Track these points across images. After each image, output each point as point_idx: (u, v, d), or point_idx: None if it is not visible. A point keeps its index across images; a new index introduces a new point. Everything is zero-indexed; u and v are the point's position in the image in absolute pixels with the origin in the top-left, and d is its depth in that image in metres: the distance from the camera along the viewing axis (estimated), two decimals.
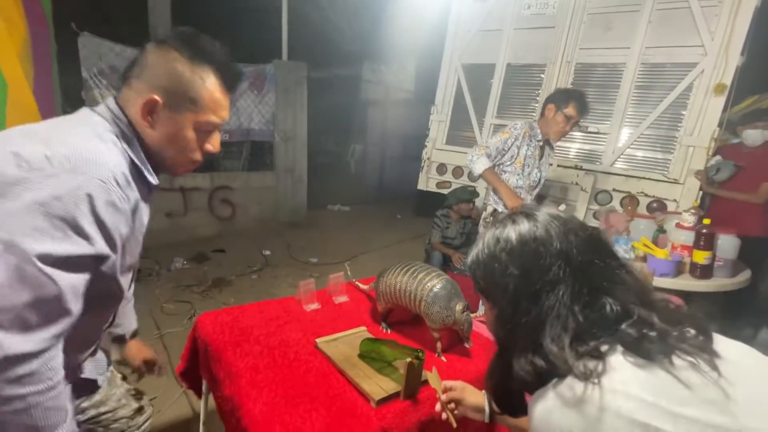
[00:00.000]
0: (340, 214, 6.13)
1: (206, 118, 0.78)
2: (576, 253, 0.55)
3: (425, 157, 4.02)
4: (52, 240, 0.61)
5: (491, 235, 0.61)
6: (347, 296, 1.60)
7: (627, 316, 0.52)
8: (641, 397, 0.44)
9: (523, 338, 0.55)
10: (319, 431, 0.88)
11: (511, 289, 0.56)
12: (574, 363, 0.49)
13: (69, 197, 0.62)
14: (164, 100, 0.74)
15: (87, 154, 0.66)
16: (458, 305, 1.20)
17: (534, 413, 0.52)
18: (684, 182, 2.82)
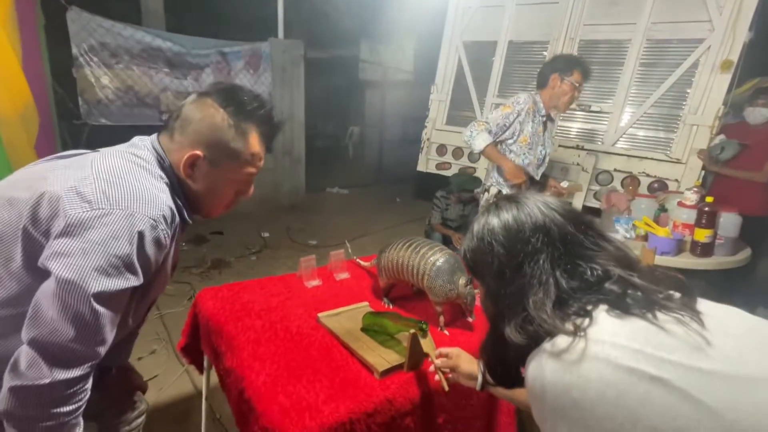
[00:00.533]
0: (339, 197, 6.09)
1: (245, 170, 0.82)
2: (555, 226, 0.58)
3: (425, 137, 3.97)
4: (108, 278, 0.67)
5: (479, 222, 0.65)
6: (348, 273, 1.59)
7: (608, 277, 0.54)
8: (627, 345, 0.46)
9: (510, 307, 0.58)
10: (323, 401, 0.87)
11: (496, 264, 0.60)
12: (559, 324, 0.52)
13: (125, 236, 0.67)
14: (205, 154, 0.77)
15: (141, 192, 0.71)
16: (461, 279, 1.19)
17: (528, 372, 0.54)
18: (686, 162, 2.80)
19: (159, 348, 2.23)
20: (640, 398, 0.42)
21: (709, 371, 0.43)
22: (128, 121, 3.91)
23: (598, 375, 0.45)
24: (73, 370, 0.67)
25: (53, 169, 0.75)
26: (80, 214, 0.66)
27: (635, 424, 0.42)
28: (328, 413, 0.84)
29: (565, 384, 0.47)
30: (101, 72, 3.76)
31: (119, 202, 0.68)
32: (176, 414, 1.77)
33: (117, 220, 0.67)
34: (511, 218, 0.60)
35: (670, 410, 0.41)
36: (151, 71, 4.03)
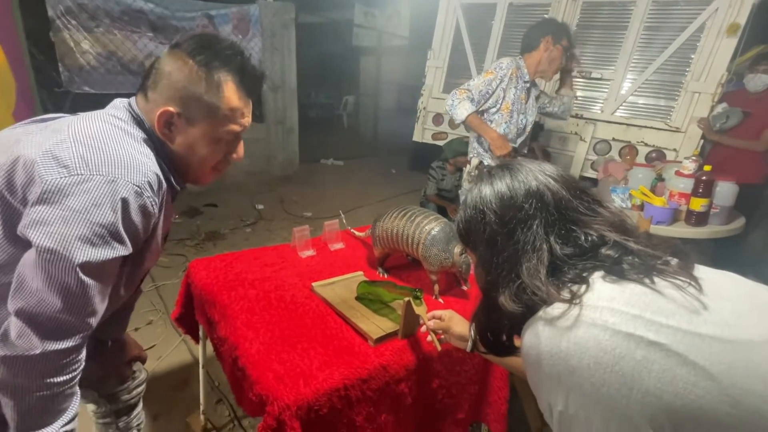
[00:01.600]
0: (334, 169, 6.01)
1: (225, 128, 0.75)
2: (549, 191, 0.57)
3: (421, 106, 3.87)
4: (92, 247, 0.64)
5: (472, 193, 0.63)
6: (343, 243, 1.57)
7: (603, 243, 0.53)
8: (625, 310, 0.45)
9: (503, 276, 0.57)
10: (317, 368, 0.88)
11: (487, 232, 0.59)
12: (554, 291, 0.51)
13: (107, 203, 0.64)
14: (180, 111, 0.72)
15: (122, 156, 0.66)
16: (456, 247, 1.18)
17: (523, 340, 0.53)
18: (686, 131, 2.76)
19: (156, 319, 2.24)
20: (638, 364, 0.42)
21: (707, 335, 0.42)
22: (112, 89, 3.75)
23: (595, 342, 0.44)
24: (64, 341, 0.65)
25: (28, 132, 0.71)
26: (57, 180, 0.62)
27: (631, 389, 0.42)
28: (323, 379, 0.84)
29: (561, 351, 0.46)
30: (81, 36, 3.57)
31: (99, 167, 0.64)
32: (175, 382, 1.80)
33: (97, 187, 0.63)
34: (504, 186, 0.59)
35: (666, 374, 0.41)
36: (134, 36, 3.83)
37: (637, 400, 0.41)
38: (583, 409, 0.44)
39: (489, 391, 1.27)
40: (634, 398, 0.41)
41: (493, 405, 1.26)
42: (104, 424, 1.09)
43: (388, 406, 0.95)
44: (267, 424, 0.76)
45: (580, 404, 0.45)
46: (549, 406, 0.49)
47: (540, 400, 0.51)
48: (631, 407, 0.41)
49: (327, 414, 0.83)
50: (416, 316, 1.02)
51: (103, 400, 1.04)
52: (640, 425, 0.41)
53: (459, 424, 1.19)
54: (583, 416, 0.44)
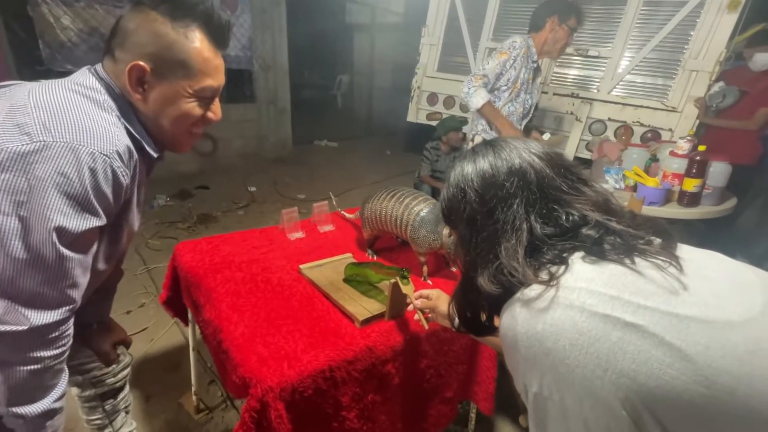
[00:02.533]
0: (327, 150, 5.94)
1: (201, 83, 0.72)
2: (532, 169, 0.55)
3: (415, 85, 3.78)
4: (65, 217, 0.62)
5: (455, 171, 0.62)
6: (332, 225, 1.56)
7: (585, 223, 0.52)
8: (603, 291, 0.44)
9: (482, 256, 0.56)
10: (302, 350, 0.87)
11: (467, 210, 0.57)
12: (531, 273, 0.50)
13: (73, 172, 0.61)
14: (152, 67, 0.68)
15: (87, 125, 0.63)
16: (445, 229, 1.16)
17: (501, 322, 0.53)
18: (682, 110, 2.73)
19: (148, 302, 2.24)
20: (613, 345, 0.41)
21: (685, 316, 0.42)
22: None
23: (571, 323, 0.44)
24: (50, 314, 0.65)
25: None
26: (18, 147, 0.59)
27: (606, 370, 0.41)
28: (307, 361, 0.84)
29: (537, 333, 0.46)
30: (60, 11, 3.42)
31: (63, 134, 0.61)
32: (167, 364, 1.81)
33: (61, 155, 0.60)
34: (487, 164, 0.57)
35: (641, 355, 0.40)
36: (117, 11, 3.68)
37: (612, 381, 0.41)
38: (557, 390, 0.44)
39: (477, 370, 1.28)
40: (609, 379, 0.41)
41: (482, 384, 1.28)
42: (90, 408, 1.09)
43: (374, 386, 0.96)
44: (250, 406, 0.76)
45: (555, 386, 0.44)
46: (525, 387, 0.48)
47: (516, 381, 0.51)
48: (605, 388, 0.41)
49: (312, 395, 0.83)
50: (403, 297, 1.01)
51: (88, 383, 1.04)
52: (614, 406, 0.41)
53: (447, 403, 1.20)
54: (558, 397, 0.44)
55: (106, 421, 1.11)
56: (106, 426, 1.11)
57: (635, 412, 0.40)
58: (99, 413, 1.10)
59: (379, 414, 0.98)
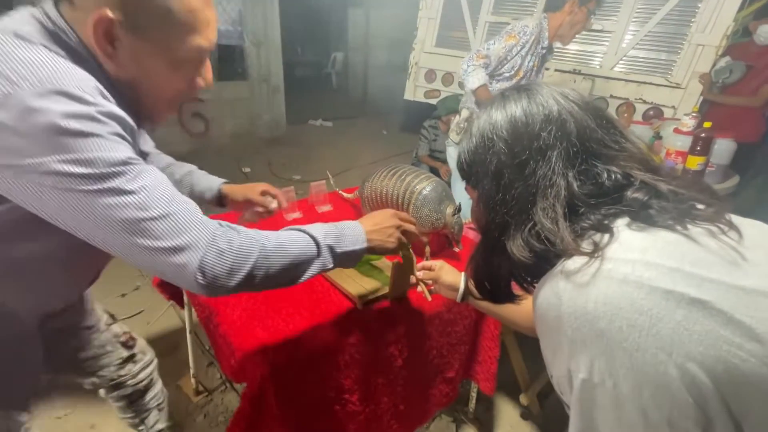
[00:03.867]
0: (322, 130, 5.82)
1: (187, 43, 0.55)
2: (572, 118, 0.48)
3: (412, 62, 3.68)
4: None
5: (480, 119, 0.54)
6: (331, 205, 1.51)
7: (629, 183, 0.46)
8: (661, 263, 0.39)
9: (513, 216, 0.49)
10: (303, 333, 0.84)
11: (494, 164, 0.51)
12: (572, 242, 0.44)
13: None
14: (122, 18, 0.50)
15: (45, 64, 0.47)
16: (449, 208, 1.12)
17: (539, 300, 0.46)
18: (686, 87, 2.67)
19: (142, 284, 2.20)
20: (677, 325, 0.36)
21: (752, 289, 0.37)
22: None
23: (628, 301, 0.38)
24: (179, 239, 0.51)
25: None
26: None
27: (670, 353, 0.36)
28: (309, 345, 0.81)
29: (587, 312, 0.40)
30: None
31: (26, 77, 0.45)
32: (165, 347, 1.78)
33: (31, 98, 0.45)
34: (520, 110, 0.50)
35: (708, 336, 0.36)
36: None
37: (677, 365, 0.36)
38: (611, 376, 0.38)
39: (479, 350, 1.27)
40: (674, 364, 0.36)
41: (483, 364, 1.27)
42: (120, 408, 1.08)
43: (377, 368, 0.94)
44: (250, 391, 0.74)
45: (608, 371, 0.39)
46: (568, 373, 0.42)
47: (553, 366, 0.45)
48: (670, 374, 0.36)
49: (314, 379, 0.81)
50: (406, 277, 0.98)
51: (108, 387, 1.02)
52: (679, 393, 0.36)
53: (449, 383, 1.19)
54: (611, 384, 0.38)
55: (137, 419, 1.11)
56: (140, 423, 1.11)
57: (702, 399, 0.36)
58: (130, 412, 1.09)
59: (381, 396, 0.97)
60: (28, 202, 0.48)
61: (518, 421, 1.55)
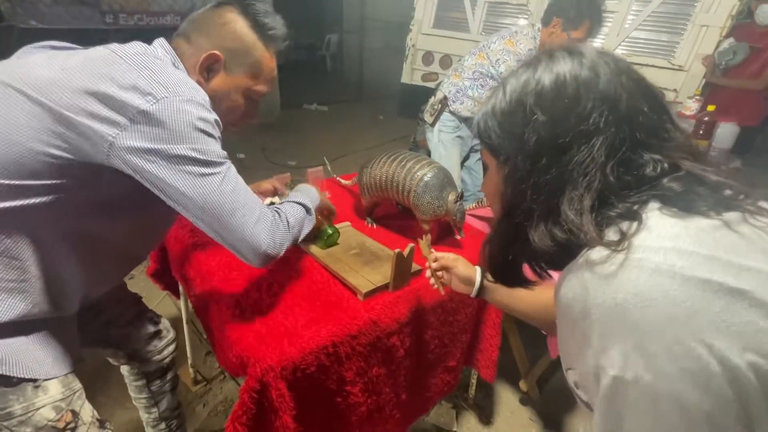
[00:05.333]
0: (318, 114, 5.71)
1: (259, 87, 0.79)
2: (627, 96, 0.42)
3: (410, 43, 3.58)
4: None
5: (518, 78, 0.47)
6: (328, 192, 1.47)
7: (675, 172, 0.42)
8: (694, 250, 0.36)
9: (539, 203, 0.45)
10: (303, 326, 0.82)
11: (533, 141, 0.44)
12: (596, 233, 0.41)
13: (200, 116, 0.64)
14: (225, 59, 0.74)
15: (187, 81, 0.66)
16: (451, 195, 1.09)
17: (563, 291, 0.43)
18: (688, 69, 2.62)
19: (137, 273, 2.16)
20: (716, 317, 0.34)
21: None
22: (63, 24, 3.34)
23: (661, 292, 0.35)
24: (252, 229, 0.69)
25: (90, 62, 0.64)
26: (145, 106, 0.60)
27: (711, 347, 0.33)
28: (309, 337, 0.79)
29: (617, 304, 0.37)
30: None
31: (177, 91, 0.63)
32: None
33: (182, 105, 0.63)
34: (570, 77, 0.43)
35: (749, 328, 0.33)
36: None
37: (718, 359, 0.33)
38: (647, 371, 0.35)
39: (481, 338, 1.26)
40: (714, 358, 0.33)
41: (484, 352, 1.26)
42: (137, 387, 1.10)
43: (379, 359, 0.92)
44: (250, 386, 0.71)
45: (644, 366, 0.35)
46: (596, 369, 0.39)
47: (577, 361, 0.42)
48: (710, 368, 0.33)
49: (314, 372, 0.79)
50: (408, 267, 0.96)
51: (134, 361, 1.05)
52: (720, 388, 0.33)
53: (450, 372, 1.19)
54: (648, 380, 0.35)
55: (152, 401, 1.12)
56: (153, 406, 1.13)
57: (745, 394, 0.33)
58: (145, 393, 1.11)
59: (383, 386, 0.95)
60: (149, 179, 0.62)
61: (518, 406, 1.56)
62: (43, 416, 0.70)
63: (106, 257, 0.77)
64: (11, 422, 0.68)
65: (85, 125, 0.58)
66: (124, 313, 1.01)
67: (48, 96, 0.59)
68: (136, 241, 0.81)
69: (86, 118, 0.58)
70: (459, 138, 1.95)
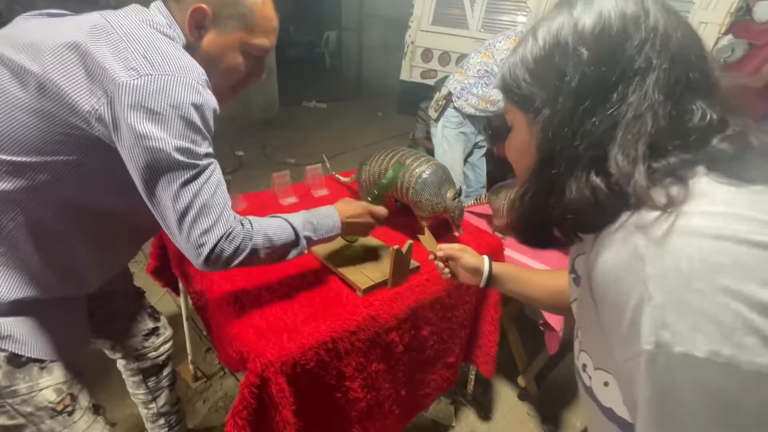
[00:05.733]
0: (316, 112, 5.71)
1: (257, 42, 0.72)
2: (678, 34, 0.39)
3: (408, 40, 3.57)
4: None
5: (553, 20, 0.43)
6: (327, 190, 1.48)
7: (722, 128, 0.39)
8: (753, 215, 0.34)
9: (584, 149, 0.40)
10: (302, 322, 0.82)
11: (576, 81, 0.40)
12: (646, 187, 0.37)
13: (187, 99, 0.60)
14: (213, 12, 0.68)
15: (181, 57, 0.63)
16: (449, 192, 1.10)
17: (607, 259, 0.39)
18: None
19: (137, 271, 2.15)
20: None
21: None
22: None
23: (729, 257, 0.33)
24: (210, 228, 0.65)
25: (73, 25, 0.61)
26: (129, 81, 0.57)
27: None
28: (308, 333, 0.79)
29: (682, 273, 0.33)
30: None
31: (163, 66, 0.60)
32: None
33: (171, 85, 0.59)
34: (615, 13, 0.39)
35: None
36: None
37: None
38: (726, 344, 0.32)
39: (479, 334, 1.27)
40: None
41: (483, 348, 1.27)
42: (134, 382, 1.11)
43: (378, 355, 0.93)
44: (250, 382, 0.72)
45: (722, 340, 0.32)
46: (656, 347, 0.33)
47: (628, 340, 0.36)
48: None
49: (314, 367, 0.79)
50: (407, 263, 0.96)
51: (130, 356, 1.06)
52: None
53: (450, 368, 1.19)
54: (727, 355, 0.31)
55: (149, 396, 1.13)
56: (151, 401, 1.14)
57: None
58: (143, 389, 1.12)
59: (383, 382, 0.96)
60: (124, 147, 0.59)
61: (516, 402, 1.57)
62: (45, 397, 0.71)
63: (118, 234, 0.77)
64: (15, 400, 0.69)
65: (66, 96, 0.57)
66: (128, 306, 1.02)
67: (37, 62, 0.58)
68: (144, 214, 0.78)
69: (69, 86, 0.57)
70: (462, 134, 1.96)
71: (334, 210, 0.86)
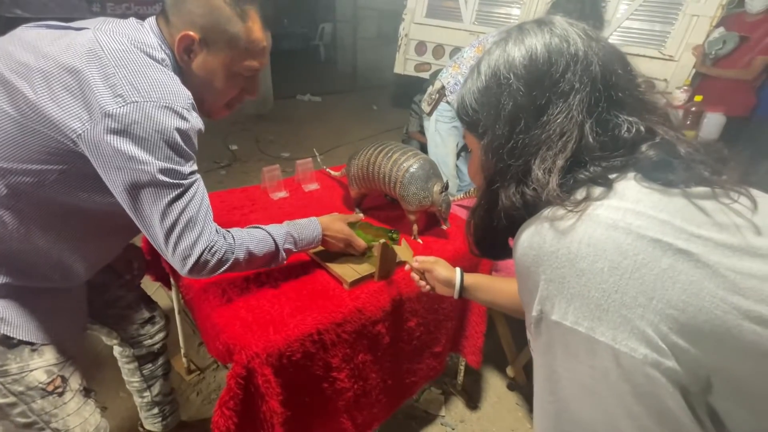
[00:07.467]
0: (311, 105, 5.68)
1: (246, 63, 0.74)
2: (597, 59, 0.44)
3: (402, 33, 3.55)
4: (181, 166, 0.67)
5: (491, 55, 0.48)
6: (318, 184, 1.48)
7: (648, 138, 0.43)
8: (651, 214, 0.39)
9: (514, 164, 0.46)
10: (289, 314, 0.84)
11: (510, 106, 0.46)
12: (558, 192, 0.42)
13: (170, 125, 0.63)
14: (201, 37, 0.70)
15: (167, 83, 0.65)
16: (436, 185, 1.11)
17: (520, 242, 0.44)
18: (679, 59, 2.63)
19: None
20: (662, 273, 0.36)
21: (740, 248, 0.37)
22: (49, 13, 3.29)
23: (614, 245, 0.38)
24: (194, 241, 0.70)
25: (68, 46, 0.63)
26: (116, 110, 0.60)
27: (651, 298, 0.36)
28: (294, 326, 0.81)
29: (570, 252, 0.39)
30: None
31: (149, 93, 0.62)
32: None
33: (154, 113, 0.62)
34: (541, 46, 0.45)
35: (692, 286, 0.36)
36: None
37: (656, 311, 0.36)
38: (586, 318, 0.38)
39: (467, 325, 1.29)
40: (653, 309, 0.36)
41: (470, 338, 1.29)
42: (129, 370, 1.14)
43: (365, 346, 0.94)
44: (236, 373, 0.74)
45: (583, 313, 0.38)
46: (540, 314, 0.41)
47: (530, 309, 0.44)
48: (647, 318, 0.36)
49: (300, 358, 0.81)
50: (393, 257, 0.98)
51: (126, 344, 1.08)
52: (652, 339, 0.36)
53: (436, 357, 1.22)
54: (586, 327, 0.38)
55: (144, 385, 1.15)
56: (145, 389, 1.16)
57: (676, 348, 0.36)
58: (138, 376, 1.14)
59: (369, 372, 0.98)
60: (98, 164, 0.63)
61: (505, 392, 1.60)
62: (35, 378, 0.74)
63: (104, 231, 0.79)
64: (6, 379, 0.71)
65: (54, 118, 0.60)
66: (125, 295, 1.05)
67: (28, 83, 0.60)
68: None
69: (56, 110, 0.60)
70: (455, 128, 1.96)
71: (318, 223, 0.92)
